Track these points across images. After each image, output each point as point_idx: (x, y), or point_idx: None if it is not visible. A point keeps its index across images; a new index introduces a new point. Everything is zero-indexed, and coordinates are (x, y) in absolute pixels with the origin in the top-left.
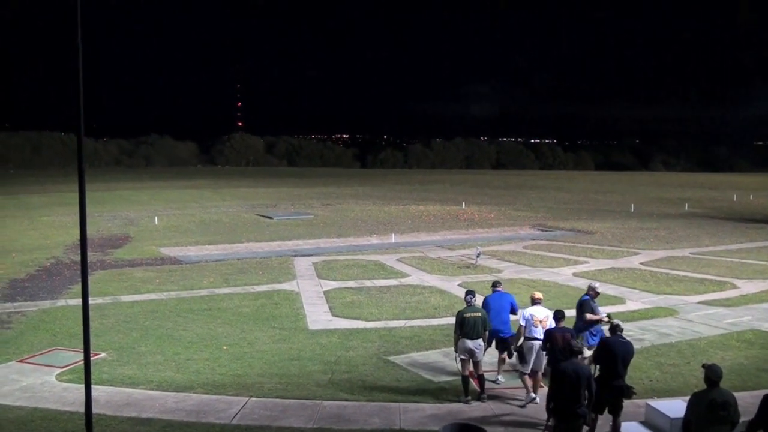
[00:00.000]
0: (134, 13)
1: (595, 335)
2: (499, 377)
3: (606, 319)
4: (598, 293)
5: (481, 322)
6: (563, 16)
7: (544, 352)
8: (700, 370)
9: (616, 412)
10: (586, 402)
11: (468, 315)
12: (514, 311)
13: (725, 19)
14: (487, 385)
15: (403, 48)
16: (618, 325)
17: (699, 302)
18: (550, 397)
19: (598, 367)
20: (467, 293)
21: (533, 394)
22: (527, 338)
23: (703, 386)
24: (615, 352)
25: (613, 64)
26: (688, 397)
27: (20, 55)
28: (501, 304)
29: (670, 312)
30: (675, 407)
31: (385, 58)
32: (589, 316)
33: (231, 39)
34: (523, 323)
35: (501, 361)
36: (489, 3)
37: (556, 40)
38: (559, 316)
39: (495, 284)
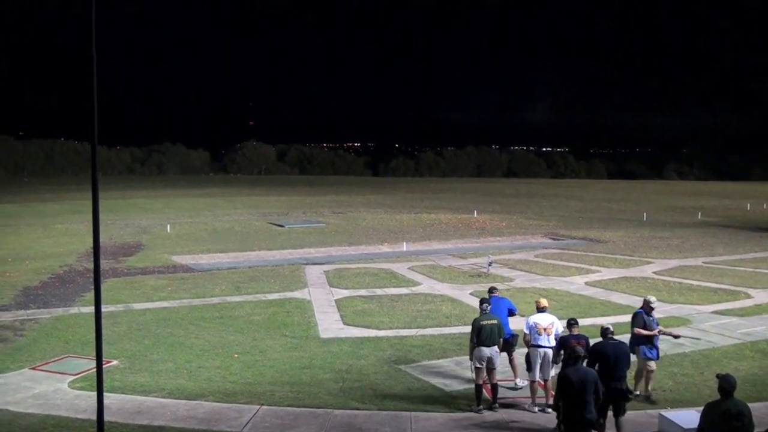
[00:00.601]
0: (147, 22)
1: (651, 350)
2: (518, 381)
3: (659, 334)
4: (652, 307)
5: (497, 330)
6: (576, 24)
7: (552, 360)
8: (713, 380)
9: (617, 413)
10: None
11: (485, 323)
12: (512, 313)
13: (741, 27)
14: (503, 393)
15: (414, 56)
16: (608, 329)
17: (713, 312)
18: (557, 400)
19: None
20: (482, 301)
21: (535, 408)
22: (532, 346)
23: (717, 397)
24: (606, 355)
25: (626, 73)
26: (701, 408)
27: (34, 64)
28: (499, 307)
29: (683, 321)
30: (688, 418)
31: (397, 66)
32: (637, 330)
33: (243, 48)
34: (527, 331)
35: (514, 364)
36: (501, 12)
37: (569, 48)
38: (572, 323)
39: (491, 290)
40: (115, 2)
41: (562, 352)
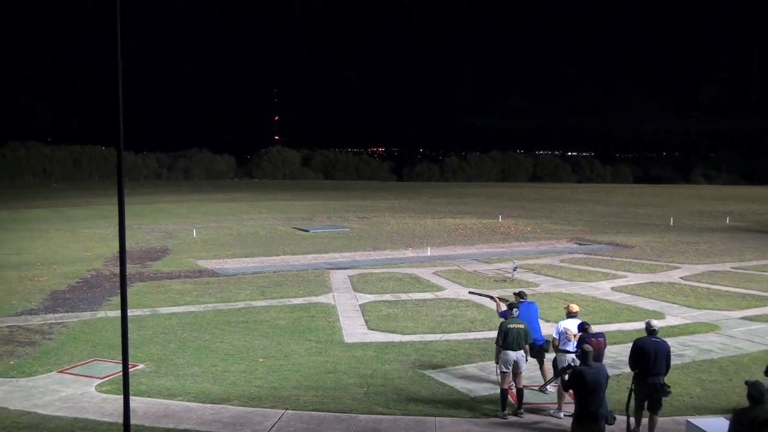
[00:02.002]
0: (173, 29)
1: None
2: (548, 387)
3: None
4: None
5: (524, 334)
6: (601, 27)
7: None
8: (742, 387)
9: (654, 408)
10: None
11: (512, 326)
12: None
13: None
14: (529, 398)
15: (439, 61)
16: (655, 330)
17: (741, 318)
18: (565, 387)
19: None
20: (510, 306)
21: (561, 413)
22: (561, 351)
23: (746, 404)
24: (647, 352)
25: (653, 76)
26: (730, 415)
27: (63, 71)
28: (530, 313)
29: (711, 327)
30: (716, 425)
31: (422, 70)
32: None
33: (268, 53)
34: (557, 336)
35: (544, 371)
36: (525, 16)
37: (595, 51)
38: (585, 326)
39: (521, 294)
40: (142, 8)
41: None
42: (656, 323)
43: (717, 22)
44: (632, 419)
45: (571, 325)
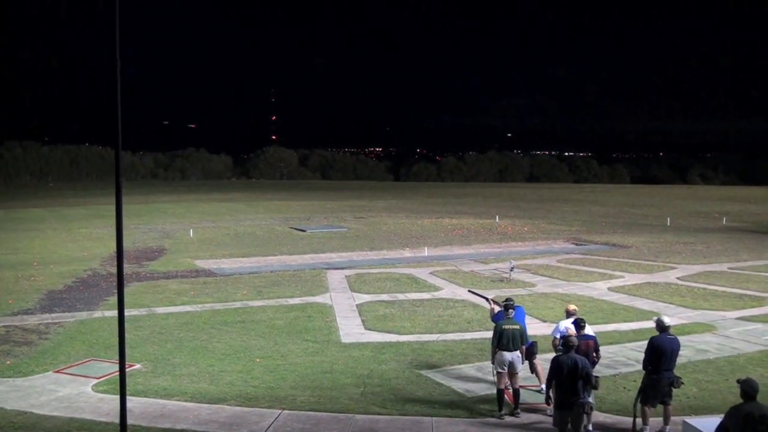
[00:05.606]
0: (172, 29)
1: None
2: (544, 387)
3: None
4: None
5: (520, 335)
6: (600, 30)
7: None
8: (738, 386)
9: (666, 401)
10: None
11: (506, 327)
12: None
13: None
14: (529, 398)
15: (438, 61)
16: (669, 326)
17: (738, 318)
18: (549, 381)
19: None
20: (506, 307)
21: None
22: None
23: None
24: (664, 348)
25: (650, 78)
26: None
27: (59, 70)
28: (518, 316)
29: (707, 328)
30: (713, 425)
31: (419, 71)
32: None
33: (266, 54)
34: (557, 335)
35: (538, 371)
36: (524, 17)
37: (593, 53)
38: (581, 324)
39: (508, 299)
40: (139, 8)
41: None
42: (668, 320)
43: (717, 23)
44: (638, 419)
45: (572, 325)
